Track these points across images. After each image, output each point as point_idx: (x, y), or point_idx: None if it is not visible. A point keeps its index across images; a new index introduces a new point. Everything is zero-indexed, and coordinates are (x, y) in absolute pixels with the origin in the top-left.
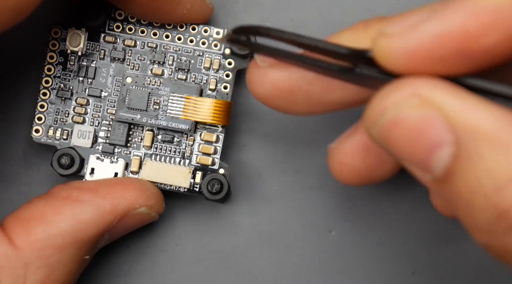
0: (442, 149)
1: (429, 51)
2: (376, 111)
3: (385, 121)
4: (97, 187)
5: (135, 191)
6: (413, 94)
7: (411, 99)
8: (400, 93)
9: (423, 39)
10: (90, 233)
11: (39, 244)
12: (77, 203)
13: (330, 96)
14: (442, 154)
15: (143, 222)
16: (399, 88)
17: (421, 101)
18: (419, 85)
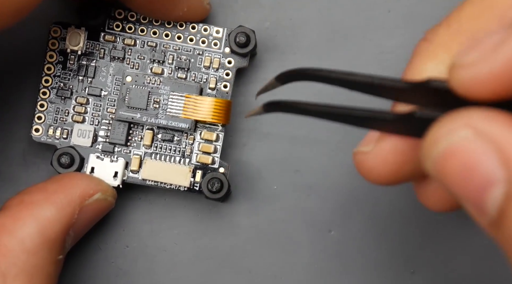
0: (495, 187)
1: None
2: (429, 143)
3: (437, 153)
4: (45, 185)
5: (83, 179)
6: (467, 125)
7: (464, 130)
8: (454, 124)
9: (506, 61)
10: (56, 229)
11: (10, 252)
12: (32, 205)
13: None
14: (495, 192)
15: (103, 210)
16: (454, 119)
17: (474, 132)
18: (475, 116)
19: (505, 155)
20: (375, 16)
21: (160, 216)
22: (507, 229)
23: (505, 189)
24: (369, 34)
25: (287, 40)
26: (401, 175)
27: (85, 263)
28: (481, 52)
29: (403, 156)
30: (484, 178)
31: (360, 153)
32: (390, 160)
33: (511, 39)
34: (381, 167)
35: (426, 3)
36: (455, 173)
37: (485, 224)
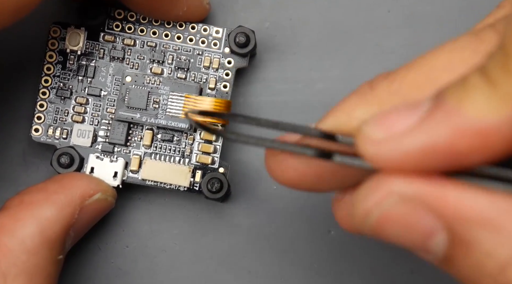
0: (436, 236)
1: (415, 161)
2: (361, 214)
3: (372, 222)
4: (46, 185)
5: (83, 180)
6: (391, 192)
7: (390, 198)
8: (378, 194)
9: (409, 151)
10: (56, 229)
11: (10, 252)
12: (32, 205)
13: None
14: (437, 240)
15: (102, 210)
16: (376, 188)
17: (401, 198)
18: (397, 182)
19: (435, 208)
20: (375, 16)
21: (160, 216)
22: (458, 268)
23: (447, 236)
24: (369, 34)
25: (287, 40)
26: (300, 187)
27: (85, 263)
28: (386, 134)
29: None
30: (424, 231)
31: (270, 151)
32: (289, 172)
33: (416, 132)
34: (281, 174)
35: (426, 3)
36: (395, 233)
37: (434, 262)
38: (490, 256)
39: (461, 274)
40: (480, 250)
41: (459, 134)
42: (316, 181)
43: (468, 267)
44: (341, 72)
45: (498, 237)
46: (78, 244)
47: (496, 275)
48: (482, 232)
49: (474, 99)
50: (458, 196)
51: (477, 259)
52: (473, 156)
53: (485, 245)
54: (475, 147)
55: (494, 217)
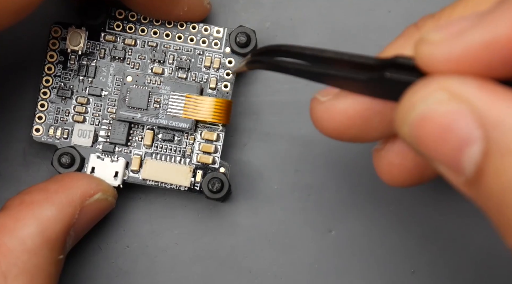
0: (472, 146)
1: (475, 58)
2: (405, 108)
3: (413, 118)
4: (46, 185)
5: (84, 179)
6: (441, 88)
7: (439, 93)
8: (429, 88)
9: (468, 47)
10: (57, 229)
11: (11, 252)
12: (33, 205)
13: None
14: (472, 151)
15: (103, 210)
16: (428, 84)
17: (449, 95)
18: (448, 80)
19: (480, 114)
20: (375, 16)
21: (160, 216)
22: (484, 185)
23: (482, 146)
24: (369, 34)
25: (287, 40)
26: (347, 133)
27: (86, 263)
28: (446, 34)
29: (351, 118)
30: (461, 137)
31: (316, 100)
32: (337, 117)
33: (475, 28)
34: (328, 121)
35: (426, 3)
36: (432, 135)
37: (461, 184)
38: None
39: (486, 194)
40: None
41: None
42: (364, 125)
43: (496, 183)
44: None
45: None
46: (78, 244)
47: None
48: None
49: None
50: (504, 103)
51: (507, 174)
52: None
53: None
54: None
55: None
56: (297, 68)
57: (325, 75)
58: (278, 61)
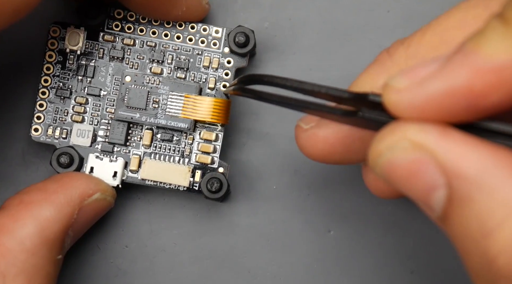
0: (437, 191)
1: (436, 105)
2: (374, 155)
3: (382, 164)
4: (45, 185)
5: (83, 179)
6: (404, 138)
7: (401, 142)
8: (393, 137)
9: (430, 96)
10: (55, 229)
11: (9, 252)
12: (31, 205)
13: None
14: (438, 195)
15: (102, 210)
16: (392, 132)
17: (411, 144)
18: (411, 129)
19: (441, 163)
20: (375, 16)
21: (159, 216)
22: (451, 224)
23: (446, 192)
24: (369, 34)
25: (286, 40)
26: (330, 158)
27: (84, 263)
28: (409, 82)
29: (332, 145)
30: (427, 183)
31: (299, 128)
32: (319, 145)
33: (436, 77)
34: (311, 148)
35: (426, 3)
36: (401, 179)
37: (434, 219)
38: (478, 219)
39: (453, 236)
40: (471, 211)
41: (477, 75)
42: (345, 151)
43: (458, 229)
44: (341, 72)
45: (490, 201)
46: (77, 244)
47: (479, 240)
48: (478, 193)
49: (491, 40)
50: (463, 152)
51: (466, 222)
52: (491, 96)
53: (477, 206)
54: (492, 85)
55: (491, 180)
56: (278, 99)
57: (305, 107)
58: (260, 92)
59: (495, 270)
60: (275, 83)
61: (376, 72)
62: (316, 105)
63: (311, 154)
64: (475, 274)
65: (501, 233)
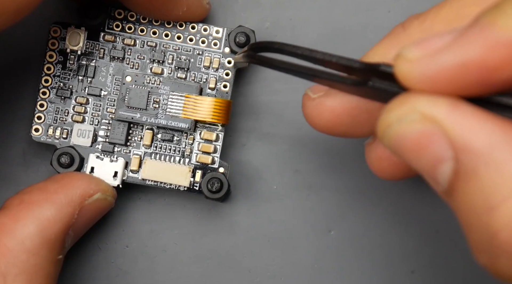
0: (444, 164)
1: (448, 78)
2: (383, 126)
3: (391, 135)
4: (46, 185)
5: (84, 179)
6: (414, 109)
7: (411, 114)
8: (403, 109)
9: (443, 68)
10: (56, 229)
11: (10, 252)
12: (32, 205)
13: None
14: (445, 168)
15: (102, 210)
16: (402, 103)
17: (420, 116)
18: (421, 101)
19: (450, 136)
20: (374, 16)
21: (160, 216)
22: (456, 198)
23: (453, 166)
24: (368, 34)
25: (287, 40)
26: (335, 129)
27: (85, 263)
28: (422, 53)
29: (339, 116)
30: (434, 156)
31: (307, 96)
32: (325, 115)
33: (449, 50)
34: (317, 117)
35: (426, 3)
36: (408, 151)
37: (439, 192)
38: (483, 193)
39: (458, 209)
40: (477, 186)
41: (491, 48)
42: (352, 123)
43: (463, 203)
44: None
45: (496, 176)
46: (78, 244)
47: (483, 214)
48: (484, 167)
49: (507, 14)
50: (472, 126)
51: (472, 196)
52: (504, 70)
53: (483, 181)
54: (506, 59)
55: (498, 155)
56: (287, 67)
57: (314, 75)
58: (270, 59)
59: (497, 245)
60: (285, 51)
61: (389, 44)
62: (326, 74)
63: (316, 124)
64: (476, 248)
65: (505, 208)
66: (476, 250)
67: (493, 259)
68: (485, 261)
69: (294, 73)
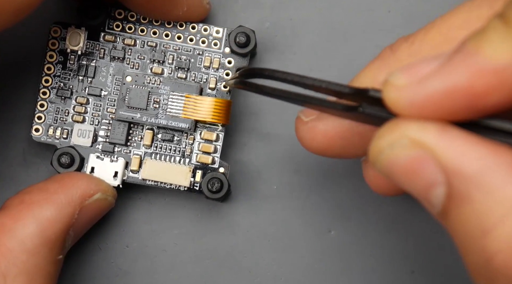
0: (437, 188)
1: (436, 104)
2: (374, 152)
3: (382, 161)
4: (46, 185)
5: (84, 179)
6: (403, 135)
7: (401, 140)
8: (392, 135)
9: (430, 94)
10: (56, 230)
11: (10, 252)
12: (32, 205)
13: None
14: (438, 192)
15: (102, 210)
16: (392, 129)
17: (410, 142)
18: (410, 127)
19: (441, 161)
20: (375, 16)
21: (160, 216)
22: (451, 221)
23: (445, 189)
24: (369, 34)
25: (287, 40)
26: (328, 151)
27: (85, 263)
28: (409, 80)
29: (332, 139)
30: (427, 180)
31: (300, 120)
32: (318, 138)
33: (436, 76)
34: (310, 140)
35: (426, 3)
36: (401, 176)
37: (434, 215)
38: (478, 217)
39: (453, 232)
40: (471, 209)
41: (477, 75)
42: (345, 145)
43: (458, 226)
44: (341, 72)
45: (489, 200)
46: (78, 244)
47: (478, 238)
48: (477, 191)
49: (491, 41)
50: (462, 150)
51: (466, 219)
52: (491, 96)
53: (477, 205)
54: (492, 86)
55: (490, 178)
56: (278, 94)
57: (305, 101)
58: (261, 85)
59: (493, 268)
60: (276, 77)
61: (378, 68)
62: (317, 99)
63: (310, 147)
64: (474, 271)
65: (499, 231)
66: (474, 273)
67: (491, 282)
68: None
69: (285, 99)
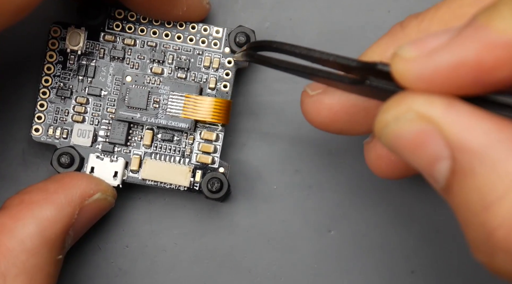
0: (441, 162)
1: (444, 78)
2: (380, 125)
3: (388, 134)
4: (46, 185)
5: (84, 179)
6: (410, 109)
7: (408, 113)
8: (399, 108)
9: (439, 68)
10: (56, 230)
11: (10, 252)
12: (32, 205)
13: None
14: (442, 166)
15: (102, 210)
16: (398, 102)
17: (417, 116)
18: (417, 100)
19: (446, 135)
20: (374, 16)
21: (160, 215)
22: (453, 196)
23: (450, 164)
24: (368, 34)
25: (287, 40)
26: (332, 126)
27: (85, 263)
28: (418, 52)
29: (336, 113)
30: (431, 154)
31: (305, 94)
32: (323, 112)
33: (445, 50)
34: (315, 114)
35: (426, 3)
36: (406, 150)
37: (438, 189)
38: (479, 191)
39: (455, 207)
40: (473, 184)
41: (486, 49)
42: (349, 120)
43: (460, 201)
44: None
45: (492, 174)
46: (78, 244)
47: (480, 212)
48: (480, 166)
49: (502, 15)
50: (468, 125)
51: (468, 194)
52: (499, 71)
53: (479, 179)
54: (501, 60)
55: (494, 153)
56: (286, 66)
57: (312, 74)
58: (269, 58)
59: (494, 243)
60: (284, 50)
61: (387, 43)
62: (324, 72)
63: (314, 120)
64: (474, 245)
65: (501, 206)
66: (474, 248)
67: (491, 256)
68: (483, 259)
69: (292, 72)
